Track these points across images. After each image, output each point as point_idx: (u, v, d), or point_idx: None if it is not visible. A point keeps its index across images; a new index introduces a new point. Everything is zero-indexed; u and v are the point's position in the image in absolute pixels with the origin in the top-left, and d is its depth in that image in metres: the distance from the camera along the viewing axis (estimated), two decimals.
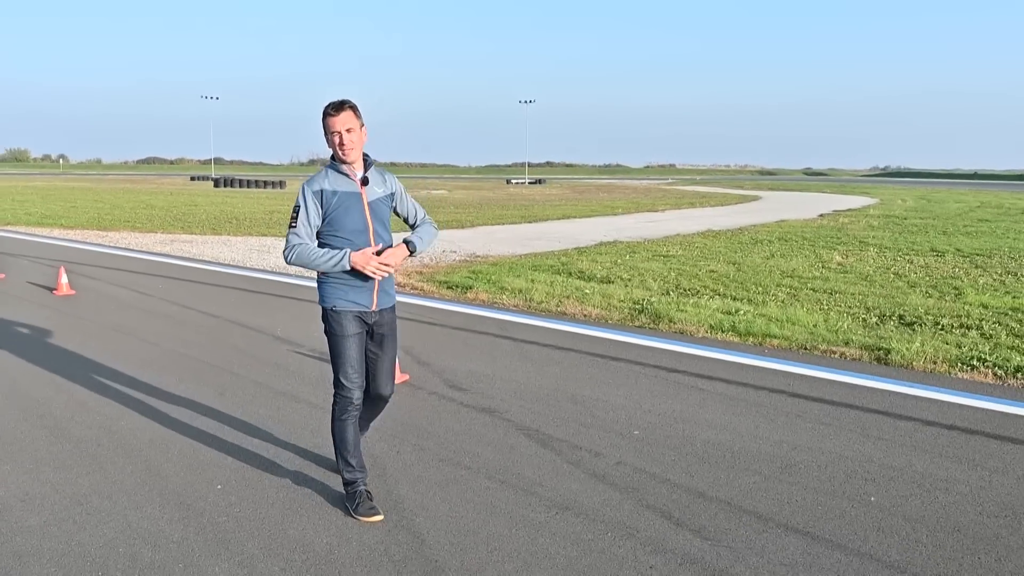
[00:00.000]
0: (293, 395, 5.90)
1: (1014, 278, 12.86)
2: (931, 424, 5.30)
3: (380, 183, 3.90)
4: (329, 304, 3.85)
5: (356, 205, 3.78)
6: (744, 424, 5.28)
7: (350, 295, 3.81)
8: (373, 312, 3.89)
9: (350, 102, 3.75)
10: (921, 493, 4.22)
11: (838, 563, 3.49)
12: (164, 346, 7.42)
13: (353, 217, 3.76)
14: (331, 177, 3.80)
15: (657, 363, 6.89)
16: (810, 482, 4.35)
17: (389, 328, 3.99)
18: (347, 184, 3.79)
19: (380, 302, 3.90)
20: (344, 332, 3.83)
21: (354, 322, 3.84)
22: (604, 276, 12.31)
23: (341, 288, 3.81)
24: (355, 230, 3.77)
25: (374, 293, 3.86)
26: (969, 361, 7.06)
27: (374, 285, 3.85)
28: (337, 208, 3.74)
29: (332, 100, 3.73)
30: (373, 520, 3.81)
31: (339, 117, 3.70)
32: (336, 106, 3.71)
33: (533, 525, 3.82)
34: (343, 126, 3.70)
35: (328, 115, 3.72)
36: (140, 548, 3.59)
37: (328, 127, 3.73)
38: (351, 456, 3.92)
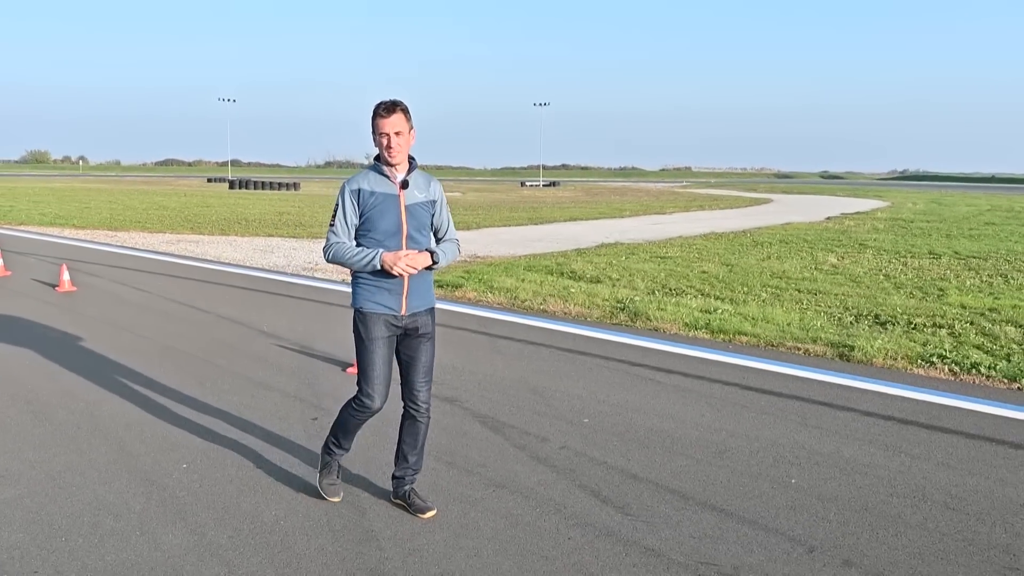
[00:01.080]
0: (268, 384, 6.21)
1: (1002, 280, 13.01)
2: (869, 415, 5.55)
3: (422, 188, 3.82)
4: (357, 304, 3.81)
5: (392, 207, 3.73)
6: (690, 413, 5.54)
7: (377, 297, 3.76)
8: (403, 316, 3.80)
9: (402, 104, 3.70)
10: (840, 476, 4.47)
11: (744, 536, 3.75)
12: (154, 339, 7.76)
13: (388, 219, 3.72)
14: (371, 177, 3.77)
15: (622, 358, 7.16)
16: (738, 466, 4.61)
17: (424, 331, 3.89)
18: (386, 186, 3.75)
19: (411, 305, 3.81)
20: (370, 335, 3.77)
21: (381, 325, 3.77)
22: (594, 276, 12.57)
23: (369, 289, 3.78)
24: (388, 232, 3.72)
25: (403, 296, 3.77)
26: (929, 358, 7.28)
27: (403, 288, 3.76)
28: (373, 208, 3.71)
29: (384, 100, 3.68)
30: (332, 500, 3.96)
31: (390, 119, 3.64)
32: (388, 107, 3.65)
33: (469, 501, 4.11)
34: (393, 128, 3.65)
35: (379, 116, 3.66)
36: (103, 518, 3.91)
37: (377, 128, 3.68)
38: (343, 439, 3.99)
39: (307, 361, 6.95)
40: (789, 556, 3.57)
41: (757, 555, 3.57)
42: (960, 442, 5.03)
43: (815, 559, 3.54)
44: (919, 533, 3.80)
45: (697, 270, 13.71)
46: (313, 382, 6.30)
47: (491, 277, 11.90)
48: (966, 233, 22.72)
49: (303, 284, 11.48)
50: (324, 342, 7.62)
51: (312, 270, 13.07)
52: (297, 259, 14.60)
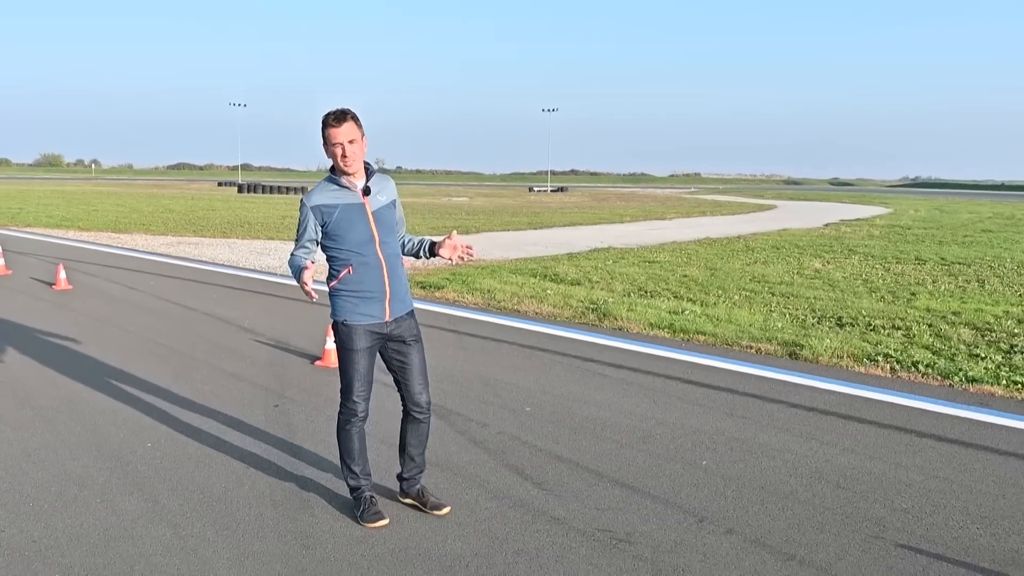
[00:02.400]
0: (240, 376, 6.64)
1: (978, 284, 13.32)
2: (795, 406, 5.93)
3: (383, 191, 3.81)
4: (340, 317, 3.79)
5: (360, 216, 3.70)
6: (627, 404, 5.94)
7: (361, 307, 3.74)
8: (387, 323, 3.81)
9: (351, 112, 3.66)
10: (749, 459, 4.86)
11: (644, 508, 4.15)
12: (139, 334, 8.20)
13: (358, 229, 3.69)
14: (330, 190, 3.72)
15: (578, 354, 7.56)
16: (657, 449, 5.00)
17: (410, 334, 3.90)
18: (348, 196, 3.71)
19: (394, 311, 3.82)
20: (354, 346, 3.77)
21: (365, 336, 3.78)
22: (575, 279, 12.96)
23: (352, 301, 3.75)
24: (360, 241, 3.70)
25: (386, 303, 3.79)
26: (874, 357, 7.64)
27: (385, 295, 3.77)
28: (340, 222, 3.67)
29: (331, 110, 3.64)
30: (379, 525, 3.85)
31: (342, 129, 3.61)
32: (337, 116, 3.62)
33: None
34: (346, 137, 3.62)
35: (329, 126, 3.62)
36: (68, 487, 4.33)
37: (329, 139, 3.64)
38: (355, 464, 3.94)
39: (279, 355, 7.37)
40: (680, 525, 3.96)
41: (651, 524, 3.96)
42: (870, 430, 5.40)
43: (702, 528, 3.93)
44: (804, 507, 4.18)
45: (679, 274, 14.06)
46: (281, 374, 6.72)
47: (474, 279, 12.30)
48: (960, 240, 22.96)
49: (289, 284, 11.92)
50: (299, 337, 8.05)
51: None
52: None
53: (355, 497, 3.96)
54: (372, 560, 3.58)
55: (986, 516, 4.10)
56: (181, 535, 3.80)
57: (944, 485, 4.49)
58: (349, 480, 3.97)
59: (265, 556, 3.60)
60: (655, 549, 3.69)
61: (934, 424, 5.54)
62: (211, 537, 3.79)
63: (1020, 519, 4.07)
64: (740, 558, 3.61)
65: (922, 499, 4.30)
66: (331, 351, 7.00)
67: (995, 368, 7.26)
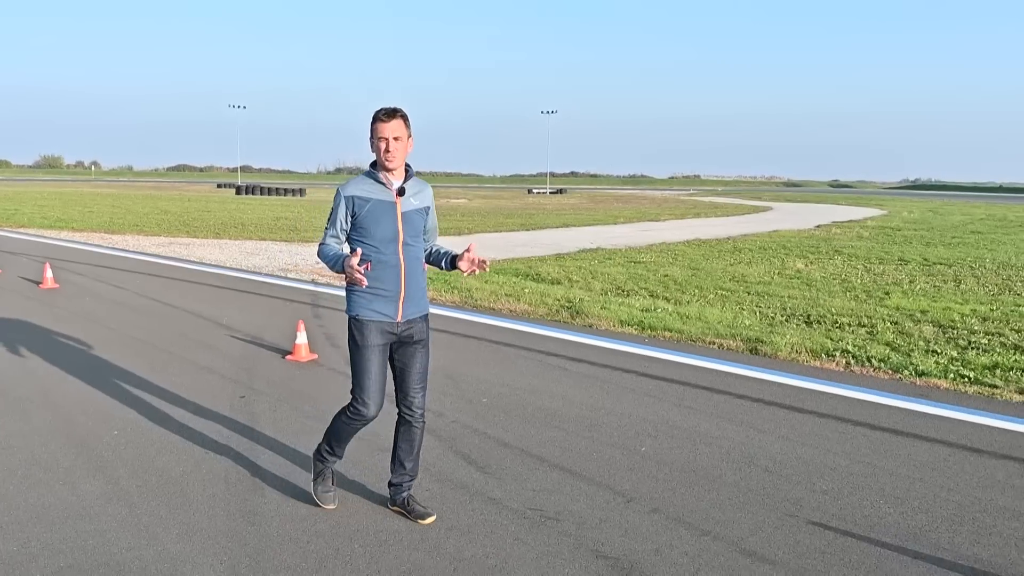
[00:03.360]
0: (212, 369, 6.88)
1: (954, 284, 13.56)
2: (742, 397, 6.17)
3: (418, 195, 3.82)
4: (353, 312, 3.81)
5: (388, 214, 3.71)
6: (581, 395, 6.18)
7: (374, 304, 3.74)
8: (399, 323, 3.80)
9: (402, 111, 3.71)
10: (687, 446, 5.10)
11: (577, 490, 4.39)
12: (119, 330, 8.45)
13: (384, 226, 3.70)
14: (367, 183, 3.75)
15: (542, 349, 7.80)
16: (601, 436, 5.24)
17: (419, 338, 3.88)
18: (382, 192, 3.73)
19: (407, 312, 3.80)
20: (365, 343, 3.76)
21: (377, 333, 3.76)
22: (556, 278, 13.20)
23: (366, 297, 3.75)
24: (384, 239, 3.71)
25: (399, 303, 3.77)
26: (832, 353, 7.88)
27: (399, 295, 3.76)
28: (368, 215, 3.69)
29: (385, 106, 3.70)
30: (326, 507, 3.99)
31: (390, 124, 3.65)
32: (388, 112, 3.67)
33: (353, 462, 4.75)
34: (392, 133, 3.65)
35: (379, 120, 3.66)
36: (34, 471, 4.58)
37: (376, 132, 3.68)
38: (336, 446, 4.00)
39: (253, 350, 7.62)
40: (608, 504, 4.20)
41: (580, 504, 4.20)
42: (809, 420, 5.64)
43: (629, 507, 4.17)
44: (729, 489, 4.42)
45: (660, 274, 14.30)
46: (252, 368, 6.97)
47: (456, 278, 12.53)
48: (948, 241, 23.19)
49: (272, 283, 12.18)
50: (274, 333, 8.29)
51: (286, 271, 13.75)
52: (278, 261, 15.29)
53: (317, 468, 4.07)
54: (312, 535, 3.82)
55: (899, 497, 4.33)
56: (136, 513, 4.04)
57: (867, 469, 4.72)
58: (323, 453, 4.04)
59: (212, 531, 3.84)
60: (580, 526, 3.93)
61: (871, 414, 5.78)
62: (163, 515, 4.03)
63: (930, 499, 4.30)
64: (658, 533, 3.85)
65: (843, 482, 4.53)
66: (301, 346, 7.25)
67: (947, 363, 7.50)
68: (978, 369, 7.25)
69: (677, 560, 3.60)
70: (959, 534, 3.90)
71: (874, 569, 3.54)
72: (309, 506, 4.14)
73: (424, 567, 3.50)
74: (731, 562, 3.59)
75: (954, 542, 3.82)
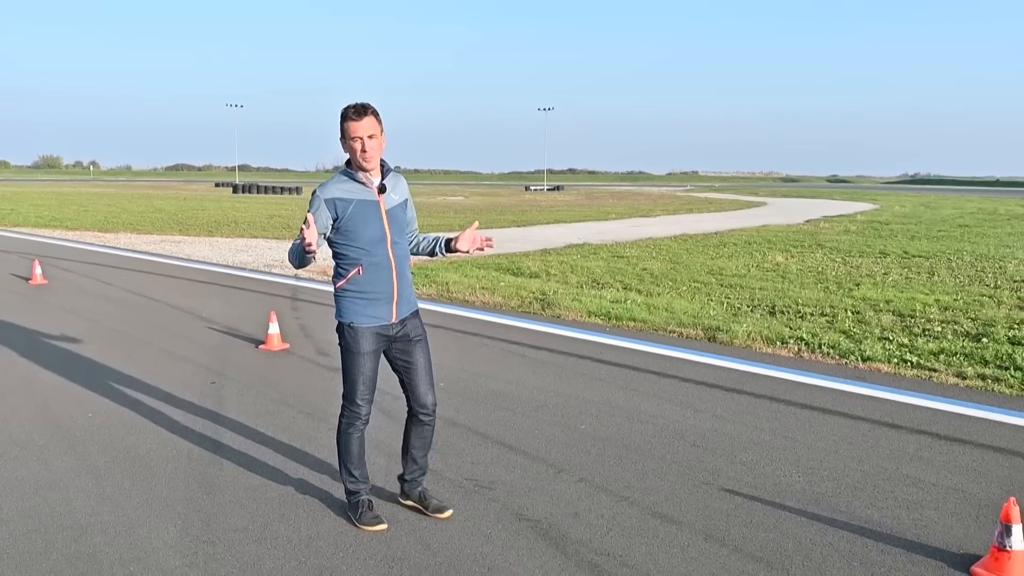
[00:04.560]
0: (186, 357, 7.23)
1: (927, 276, 13.86)
2: (686, 381, 6.51)
3: (397, 190, 3.73)
4: (347, 320, 3.70)
5: (374, 214, 3.61)
6: (534, 380, 6.51)
7: (369, 310, 3.66)
8: (394, 324, 3.74)
9: (372, 107, 3.55)
10: (625, 424, 5.44)
11: (512, 462, 4.72)
12: (101, 323, 8.79)
13: (371, 227, 3.60)
14: (346, 184, 3.61)
15: (506, 337, 8.14)
16: (546, 416, 5.58)
17: (416, 334, 3.82)
18: (363, 192, 3.61)
19: (400, 312, 3.74)
20: (360, 349, 3.68)
21: (371, 339, 3.69)
22: (535, 272, 13.54)
23: (359, 303, 3.66)
24: (372, 240, 3.61)
25: (393, 305, 3.71)
26: (786, 340, 8.20)
27: (393, 296, 3.69)
28: (353, 218, 3.57)
29: (352, 103, 3.53)
30: (377, 529, 3.79)
31: (362, 123, 3.50)
32: (358, 110, 3.51)
33: (306, 438, 5.10)
34: (366, 132, 3.51)
35: (349, 119, 3.51)
36: (10, 449, 4.92)
37: (348, 132, 3.53)
38: (354, 468, 3.85)
39: (228, 340, 7.96)
40: (539, 475, 4.54)
41: (514, 474, 4.54)
42: (745, 400, 5.98)
43: (558, 477, 4.51)
44: (654, 461, 4.76)
45: (640, 267, 14.62)
46: (225, 357, 7.31)
47: (436, 272, 12.87)
48: (933, 235, 23.45)
49: (255, 278, 12.52)
50: (250, 325, 8.63)
51: (271, 267, 14.09)
52: (265, 257, 15.62)
53: (352, 502, 3.88)
54: (262, 503, 4.16)
55: (811, 467, 4.67)
56: (101, 484, 4.38)
57: (788, 443, 5.06)
58: (348, 484, 3.87)
59: (170, 500, 4.18)
60: (510, 493, 4.27)
61: (806, 395, 6.11)
62: (127, 486, 4.37)
63: (840, 469, 4.64)
64: (580, 500, 4.19)
65: (762, 454, 4.87)
66: (273, 335, 7.59)
67: (895, 349, 7.82)
68: (923, 354, 7.56)
69: (593, 522, 3.93)
70: (858, 499, 4.24)
71: (772, 528, 3.88)
72: (262, 477, 4.48)
73: (357, 530, 3.83)
74: (641, 523, 3.93)
75: (852, 506, 4.15)
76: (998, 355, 7.54)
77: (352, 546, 3.69)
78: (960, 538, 3.77)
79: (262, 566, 3.50)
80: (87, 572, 3.44)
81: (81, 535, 3.77)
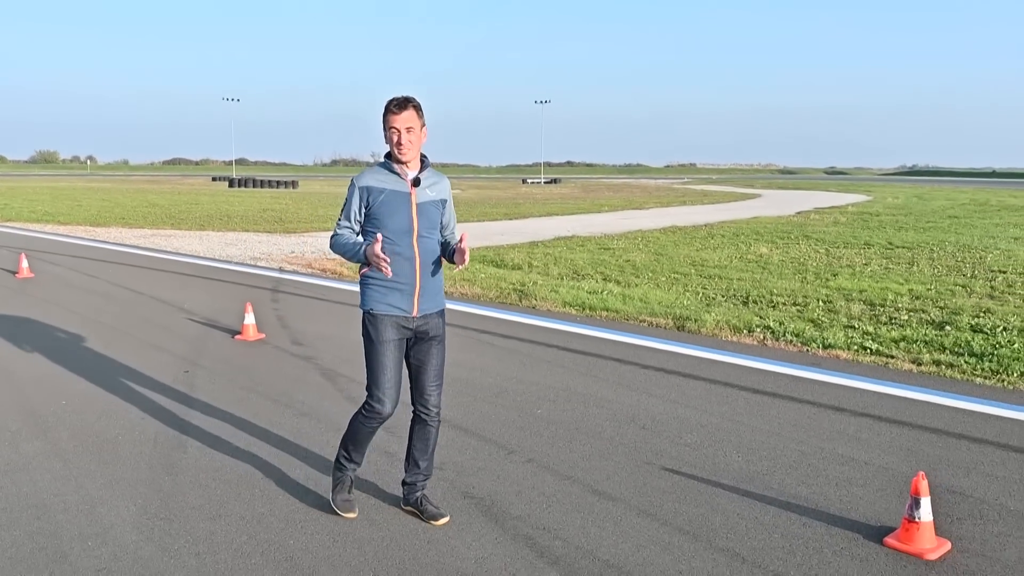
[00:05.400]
0: (162, 347, 7.42)
1: (906, 266, 14.04)
2: (646, 368, 6.70)
3: (434, 186, 3.75)
4: (367, 306, 3.73)
5: (403, 205, 3.64)
6: (498, 367, 6.70)
7: (389, 298, 3.66)
8: (414, 317, 3.70)
9: (414, 100, 3.62)
10: (580, 408, 5.63)
11: (466, 444, 4.91)
12: (84, 315, 8.98)
13: (398, 217, 3.63)
14: (381, 174, 3.69)
15: (475, 327, 8.33)
16: (505, 402, 5.77)
17: (435, 334, 3.79)
18: (397, 183, 3.66)
19: (422, 307, 3.71)
20: (380, 337, 3.68)
21: (392, 328, 3.68)
22: (517, 264, 13.72)
23: (380, 291, 3.67)
24: (399, 230, 3.63)
25: (415, 297, 3.68)
26: (752, 329, 8.39)
27: (415, 289, 3.67)
28: (383, 206, 3.62)
29: (396, 96, 3.63)
30: (347, 516, 3.84)
31: (401, 115, 3.58)
32: (400, 103, 3.59)
33: (272, 422, 5.29)
34: (404, 124, 3.58)
35: (390, 112, 3.59)
36: None
37: (388, 123, 3.60)
38: (354, 452, 3.88)
39: (206, 331, 8.15)
40: (490, 456, 4.74)
41: (465, 455, 4.73)
42: (699, 386, 6.18)
43: (508, 458, 4.70)
44: (603, 443, 4.95)
45: (623, 259, 14.81)
46: (202, 347, 7.50)
47: None
48: (922, 226, 23.63)
49: (240, 271, 12.71)
50: (229, 316, 8.82)
51: (257, 260, 14.27)
52: (253, 251, 15.80)
53: (336, 477, 3.92)
54: (221, 483, 4.36)
55: (752, 448, 4.87)
56: (69, 467, 4.57)
57: (734, 426, 5.25)
58: (340, 459, 3.90)
59: (133, 481, 4.38)
60: (459, 473, 4.47)
61: (758, 380, 6.31)
62: (93, 468, 4.56)
63: (779, 450, 4.84)
64: (525, 479, 4.39)
65: (707, 436, 5.07)
66: (249, 326, 7.78)
67: (857, 337, 8.01)
68: (884, 342, 7.76)
69: (534, 499, 4.13)
70: (791, 476, 4.44)
71: (703, 504, 4.08)
72: (223, 459, 4.67)
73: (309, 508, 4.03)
74: (580, 500, 4.12)
75: (784, 483, 4.35)
76: (957, 342, 7.73)
77: (301, 522, 3.88)
78: (881, 513, 3.97)
79: (214, 540, 3.69)
80: (46, 546, 3.62)
81: (44, 513, 3.96)
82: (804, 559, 3.51)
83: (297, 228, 21.50)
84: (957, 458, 4.68)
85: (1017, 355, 7.13)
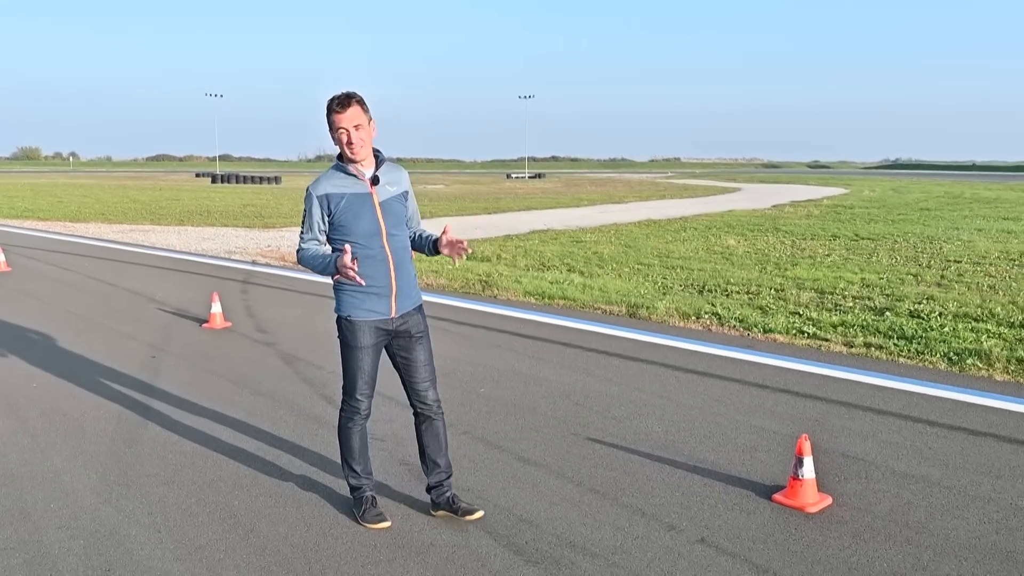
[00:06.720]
0: (132, 336, 7.75)
1: (866, 257, 14.46)
2: (591, 351, 7.09)
3: (393, 181, 3.62)
4: (345, 313, 3.62)
5: (366, 207, 3.51)
6: (450, 350, 7.07)
7: (366, 303, 3.58)
8: (393, 319, 3.65)
9: (356, 95, 3.45)
10: (521, 388, 6.01)
11: (409, 420, 5.22)
12: (57, 306, 9.31)
13: (364, 220, 3.51)
14: (337, 178, 3.53)
15: (436, 315, 8.65)
16: (452, 382, 6.14)
17: (417, 331, 3.73)
18: (355, 185, 3.52)
19: (400, 307, 3.64)
20: (358, 343, 3.61)
21: (370, 333, 3.61)
22: (487, 256, 14.08)
23: (356, 296, 3.57)
24: (366, 233, 3.52)
25: (392, 299, 3.61)
26: (700, 315, 8.79)
27: (391, 290, 3.59)
28: (346, 212, 3.49)
29: (336, 94, 3.44)
30: (380, 527, 3.71)
31: (346, 113, 3.41)
32: (342, 101, 3.41)
33: (230, 403, 5.65)
34: (351, 123, 3.42)
35: (333, 111, 3.42)
36: None
37: (334, 124, 3.43)
38: (356, 463, 3.80)
39: (175, 320, 8.49)
40: None
41: (407, 430, 4.94)
42: (635, 366, 6.57)
43: (447, 431, 5.07)
44: (536, 417, 5.33)
45: (592, 251, 15.19)
46: (169, 335, 7.84)
47: None
48: (892, 218, 24.08)
49: (213, 264, 13.03)
50: (199, 306, 9.15)
51: (231, 253, 14.59)
52: (228, 244, 16.11)
53: (356, 497, 3.83)
54: (177, 454, 4.72)
55: (674, 420, 5.27)
56: (37, 441, 4.93)
57: (661, 402, 5.65)
58: (350, 479, 3.82)
59: (95, 453, 4.73)
60: (397, 444, 4.84)
61: (693, 361, 6.71)
62: (59, 443, 4.91)
63: (697, 422, 5.24)
64: (459, 448, 4.76)
65: (634, 410, 5.46)
66: (216, 315, 8.12)
67: (799, 322, 8.41)
68: (823, 327, 8.17)
69: (464, 465, 4.51)
70: (703, 444, 4.84)
71: (617, 468, 4.47)
72: (182, 431, 5.05)
73: (256, 473, 4.40)
74: (505, 465, 4.51)
75: (695, 450, 4.75)
76: (892, 327, 8.15)
77: (248, 486, 4.25)
78: (777, 475, 4.37)
79: (166, 502, 4.06)
80: (12, 509, 3.98)
81: (10, 481, 4.32)
82: (698, 513, 3.91)
83: (276, 223, 21.79)
84: (859, 427, 5.09)
85: (944, 337, 7.55)
